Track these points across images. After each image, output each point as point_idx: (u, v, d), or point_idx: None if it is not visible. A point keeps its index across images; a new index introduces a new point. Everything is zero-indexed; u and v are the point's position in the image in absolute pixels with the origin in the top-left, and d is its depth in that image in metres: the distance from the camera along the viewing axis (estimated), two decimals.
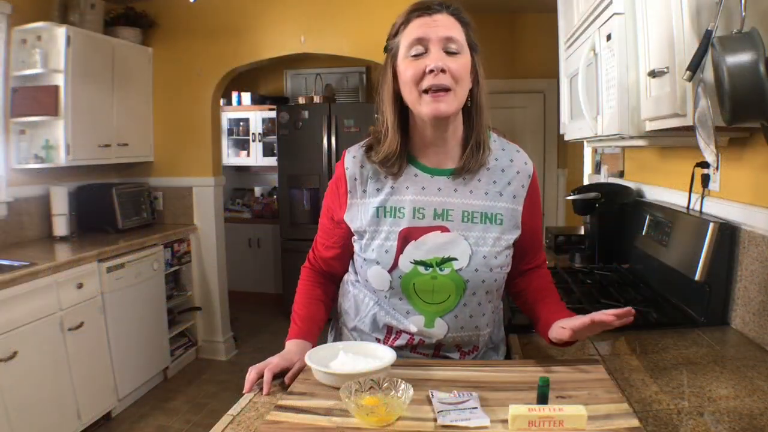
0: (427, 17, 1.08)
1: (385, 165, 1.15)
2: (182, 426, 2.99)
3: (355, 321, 1.25)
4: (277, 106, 4.95)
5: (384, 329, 1.19)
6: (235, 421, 0.97)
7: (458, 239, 1.13)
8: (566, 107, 2.22)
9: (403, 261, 1.13)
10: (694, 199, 1.71)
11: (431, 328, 1.15)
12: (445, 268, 1.12)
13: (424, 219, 1.14)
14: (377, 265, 1.14)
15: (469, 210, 1.14)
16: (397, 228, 1.14)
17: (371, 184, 1.18)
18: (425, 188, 1.15)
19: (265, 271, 5.33)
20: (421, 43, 1.07)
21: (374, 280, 1.16)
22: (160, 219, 3.94)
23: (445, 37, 1.07)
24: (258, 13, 3.68)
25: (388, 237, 1.14)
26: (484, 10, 4.70)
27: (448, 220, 1.14)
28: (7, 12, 3.01)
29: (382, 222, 1.15)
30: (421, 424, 0.88)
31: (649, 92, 1.37)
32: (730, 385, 1.11)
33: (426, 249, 1.12)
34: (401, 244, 1.13)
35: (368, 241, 1.16)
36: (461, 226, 1.14)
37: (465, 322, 1.16)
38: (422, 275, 1.12)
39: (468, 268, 1.12)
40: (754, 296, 1.36)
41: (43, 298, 2.54)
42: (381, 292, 1.17)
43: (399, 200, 1.15)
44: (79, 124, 3.20)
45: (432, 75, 1.05)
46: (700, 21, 1.10)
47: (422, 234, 1.13)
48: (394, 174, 1.16)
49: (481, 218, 1.14)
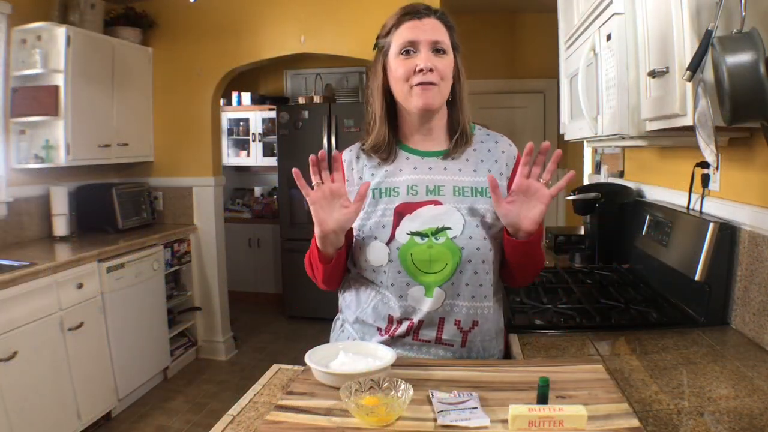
0: (417, 21, 1.20)
1: (376, 152, 1.26)
2: (182, 426, 2.99)
3: (357, 312, 1.27)
4: (277, 106, 4.95)
5: (386, 318, 1.22)
6: (235, 421, 0.98)
7: (451, 210, 1.20)
8: (566, 107, 2.22)
9: (400, 233, 1.19)
10: (694, 199, 1.71)
11: (430, 297, 1.19)
12: (440, 237, 1.18)
13: (417, 195, 1.22)
14: (375, 240, 1.20)
15: (460, 185, 1.23)
16: (392, 205, 1.21)
17: (366, 170, 1.27)
18: (417, 168, 1.24)
19: (265, 271, 5.33)
20: (412, 45, 1.18)
21: (373, 256, 1.21)
22: (160, 219, 3.94)
23: (433, 40, 1.18)
24: (258, 13, 3.68)
25: (384, 213, 1.21)
26: (484, 10, 4.70)
27: (440, 194, 1.21)
28: (7, 12, 3.01)
29: (378, 202, 1.23)
30: (421, 424, 0.88)
31: (649, 92, 1.37)
32: (730, 385, 1.11)
33: (421, 221, 1.19)
34: (397, 218, 1.20)
35: (364, 220, 1.22)
36: (453, 200, 1.21)
37: (461, 290, 1.19)
38: (419, 245, 1.18)
39: (462, 236, 1.18)
40: (754, 296, 1.36)
41: (43, 298, 2.54)
42: (380, 268, 1.20)
43: (393, 181, 1.24)
44: (79, 124, 3.20)
45: (421, 73, 1.17)
46: (700, 21, 1.10)
47: (416, 208, 1.20)
48: (385, 159, 1.25)
49: (471, 192, 1.22)
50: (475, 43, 4.49)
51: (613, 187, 2.41)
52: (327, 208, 1.14)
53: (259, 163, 5.48)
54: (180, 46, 3.82)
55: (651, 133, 1.44)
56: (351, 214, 1.15)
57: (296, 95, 5.42)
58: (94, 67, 3.32)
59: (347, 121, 4.53)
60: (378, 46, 1.26)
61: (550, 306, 1.65)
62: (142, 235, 3.42)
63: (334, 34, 3.60)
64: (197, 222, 3.93)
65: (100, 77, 3.39)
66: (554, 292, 1.83)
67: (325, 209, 1.14)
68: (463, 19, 4.63)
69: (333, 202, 1.14)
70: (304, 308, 4.75)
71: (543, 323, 1.54)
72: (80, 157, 3.25)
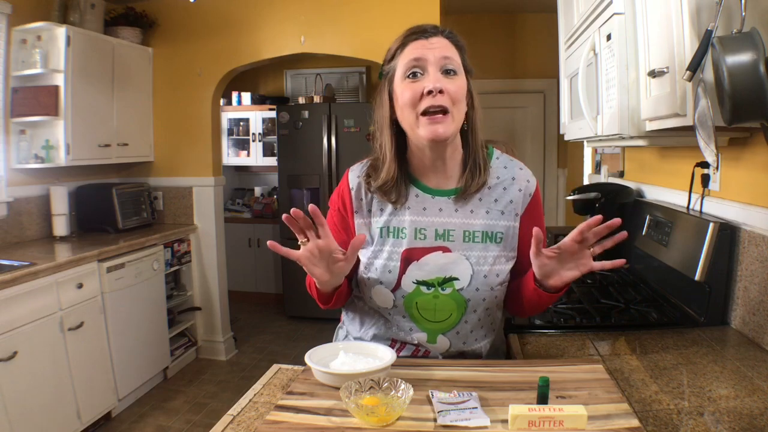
0: (423, 40, 1.09)
1: (384, 194, 1.16)
2: (182, 426, 2.99)
3: (360, 332, 1.26)
4: (277, 106, 4.95)
5: (389, 341, 1.21)
6: (235, 421, 0.98)
7: (460, 259, 1.14)
8: (566, 107, 2.22)
9: (406, 281, 1.14)
10: (694, 199, 1.71)
11: (434, 344, 1.18)
12: (447, 288, 1.14)
13: (425, 240, 1.15)
14: (380, 285, 1.16)
15: (470, 230, 1.16)
16: (399, 248, 1.15)
17: (375, 203, 1.19)
18: (426, 209, 1.17)
19: (265, 271, 5.33)
20: (418, 64, 1.08)
21: (378, 299, 1.18)
22: (160, 219, 3.94)
23: (443, 56, 1.08)
24: (258, 13, 3.68)
25: (390, 257, 1.16)
26: (484, 10, 4.70)
27: (449, 240, 1.15)
28: (7, 12, 3.01)
29: (386, 242, 1.17)
30: (421, 424, 0.88)
31: (649, 92, 1.37)
32: (730, 385, 1.11)
33: (428, 269, 1.14)
34: (404, 264, 1.15)
35: (371, 258, 1.18)
36: (462, 246, 1.15)
37: (466, 337, 1.18)
38: (424, 295, 1.14)
39: (469, 288, 1.14)
40: (754, 296, 1.36)
41: (43, 298, 2.54)
42: (385, 309, 1.19)
43: (400, 221, 1.17)
44: (79, 124, 3.20)
45: (430, 96, 1.06)
46: (700, 21, 1.10)
47: (424, 254, 1.14)
48: (394, 201, 1.16)
49: (482, 237, 1.16)
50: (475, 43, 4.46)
51: (613, 187, 2.41)
52: (320, 264, 1.06)
53: (259, 163, 5.48)
54: (180, 46, 3.82)
55: (651, 133, 1.44)
56: (345, 267, 1.07)
57: (296, 95, 5.42)
58: (94, 67, 3.32)
59: (347, 121, 4.53)
60: (382, 75, 1.16)
61: (550, 306, 1.65)
62: (142, 235, 3.42)
63: (334, 34, 3.60)
64: (197, 222, 3.93)
65: (100, 77, 3.38)
66: None
67: (318, 265, 1.06)
68: (463, 19, 4.64)
69: (324, 258, 1.05)
70: (304, 308, 4.75)
71: (543, 323, 1.54)
72: (80, 157, 3.25)
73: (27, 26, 3.07)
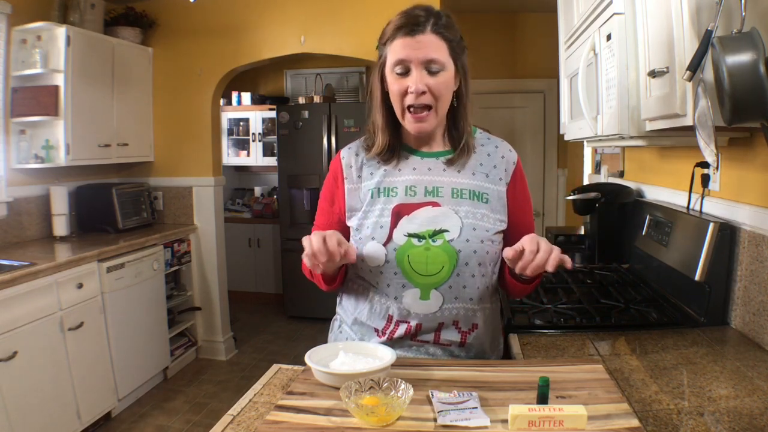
0: (410, 39, 1.14)
1: (381, 158, 1.25)
2: (182, 426, 2.99)
3: (355, 313, 1.27)
4: (277, 106, 4.95)
5: (384, 318, 1.22)
6: (235, 421, 0.98)
7: (449, 212, 1.19)
8: (566, 107, 2.22)
9: (397, 234, 1.19)
10: (694, 199, 1.71)
11: (427, 299, 1.19)
12: (438, 240, 1.17)
13: (415, 196, 1.21)
14: (372, 240, 1.20)
15: (458, 187, 1.22)
16: (390, 205, 1.21)
17: (366, 169, 1.26)
18: (416, 169, 1.24)
19: (265, 271, 5.33)
20: (403, 64, 1.15)
21: (370, 257, 1.20)
22: (160, 219, 3.94)
23: (426, 59, 1.14)
24: (258, 13, 3.69)
25: (381, 214, 1.21)
26: (484, 10, 4.70)
27: (438, 196, 1.21)
28: (7, 12, 3.01)
29: (376, 201, 1.22)
30: (421, 424, 0.88)
31: (649, 92, 1.37)
32: (730, 385, 1.11)
33: (418, 222, 1.18)
34: (394, 219, 1.19)
35: (362, 219, 1.22)
36: (451, 202, 1.20)
37: (459, 293, 1.19)
38: (416, 247, 1.17)
39: (459, 239, 1.18)
40: (754, 296, 1.36)
41: (43, 298, 2.54)
42: (377, 269, 1.20)
43: (392, 181, 1.23)
44: (79, 124, 3.20)
45: (413, 95, 1.15)
46: (700, 21, 1.10)
47: (414, 209, 1.20)
48: (388, 161, 1.25)
49: (469, 195, 1.21)
50: (475, 43, 4.48)
51: (613, 187, 2.41)
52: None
53: (259, 163, 5.49)
54: (180, 46, 3.82)
55: (651, 133, 1.44)
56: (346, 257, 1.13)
57: (296, 95, 5.42)
58: (94, 67, 3.32)
59: (347, 121, 4.53)
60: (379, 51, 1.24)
61: (550, 306, 1.65)
62: (142, 235, 3.42)
63: (334, 34, 3.60)
64: (197, 222, 3.93)
65: (100, 77, 3.38)
66: (554, 291, 1.84)
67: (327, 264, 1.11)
68: (463, 19, 4.63)
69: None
70: (304, 308, 4.75)
71: (543, 323, 1.54)
72: (80, 157, 3.25)
73: (27, 26, 3.07)
